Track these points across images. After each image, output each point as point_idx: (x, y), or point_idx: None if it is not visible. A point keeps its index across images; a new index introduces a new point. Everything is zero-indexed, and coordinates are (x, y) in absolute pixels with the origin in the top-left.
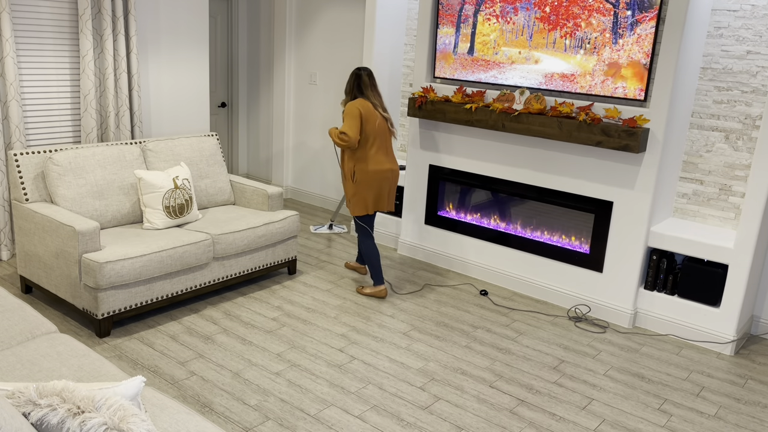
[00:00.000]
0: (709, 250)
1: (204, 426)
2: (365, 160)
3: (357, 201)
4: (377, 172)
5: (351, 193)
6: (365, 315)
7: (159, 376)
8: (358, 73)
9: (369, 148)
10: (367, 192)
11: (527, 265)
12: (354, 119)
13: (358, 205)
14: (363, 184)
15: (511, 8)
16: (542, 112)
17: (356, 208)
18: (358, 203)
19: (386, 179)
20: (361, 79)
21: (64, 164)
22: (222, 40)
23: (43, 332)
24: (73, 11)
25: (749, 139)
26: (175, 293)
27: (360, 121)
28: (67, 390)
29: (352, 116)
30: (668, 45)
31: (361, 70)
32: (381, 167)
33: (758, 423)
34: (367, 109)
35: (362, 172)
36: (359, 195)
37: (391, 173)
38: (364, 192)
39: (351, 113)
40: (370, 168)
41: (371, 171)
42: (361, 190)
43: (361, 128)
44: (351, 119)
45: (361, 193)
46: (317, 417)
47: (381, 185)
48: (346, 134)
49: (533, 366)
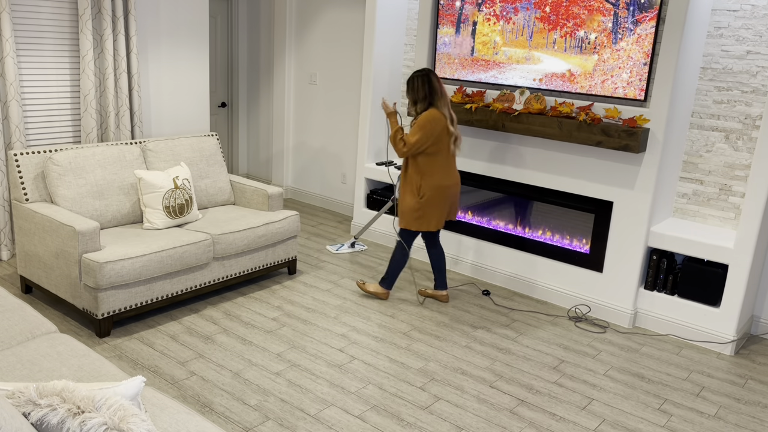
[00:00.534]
0: (709, 250)
1: (204, 426)
2: (432, 175)
3: (420, 218)
4: (446, 187)
5: (413, 209)
6: (365, 315)
7: (159, 376)
8: (428, 77)
9: (438, 163)
10: (433, 209)
11: (527, 265)
12: (426, 136)
13: (421, 222)
14: (431, 202)
15: (511, 8)
16: (542, 112)
17: (419, 224)
18: (421, 220)
19: (454, 194)
20: (432, 84)
21: (64, 164)
22: (222, 40)
23: (43, 332)
24: (73, 11)
25: (749, 139)
26: (175, 293)
27: (432, 140)
28: (67, 390)
29: (426, 133)
30: (668, 45)
31: (429, 73)
32: (450, 182)
33: (758, 423)
34: (443, 126)
35: (431, 188)
36: (424, 211)
37: (456, 187)
38: (430, 209)
39: (426, 130)
40: (438, 183)
41: (439, 186)
42: (427, 207)
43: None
44: (423, 134)
45: (427, 210)
46: (317, 417)
47: (447, 201)
48: (407, 146)
49: (533, 366)
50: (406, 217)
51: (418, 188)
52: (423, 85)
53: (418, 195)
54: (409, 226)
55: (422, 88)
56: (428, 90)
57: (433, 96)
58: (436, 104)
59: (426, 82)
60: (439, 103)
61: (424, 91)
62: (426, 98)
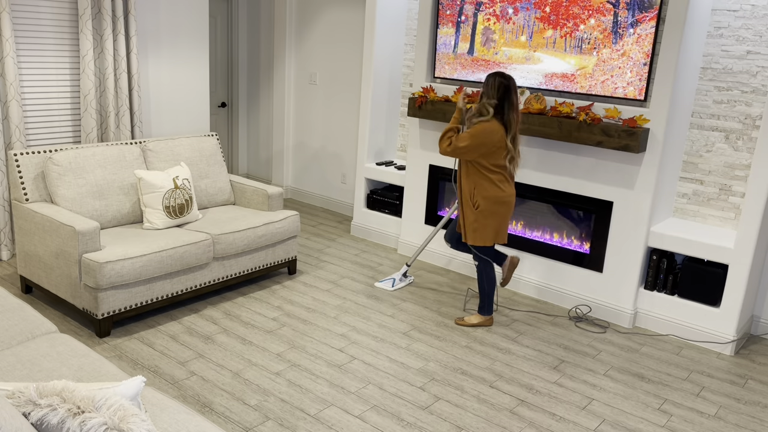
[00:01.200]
0: (709, 250)
1: (204, 426)
2: (489, 186)
3: (478, 229)
4: (501, 198)
5: (471, 220)
6: (365, 315)
7: (159, 376)
8: (507, 85)
9: (494, 174)
10: (489, 220)
11: (527, 265)
12: (475, 146)
13: (478, 234)
14: (486, 212)
15: (511, 8)
16: (542, 112)
17: (476, 238)
18: (479, 232)
19: (509, 208)
20: (509, 95)
21: (64, 164)
22: (222, 40)
23: (43, 332)
24: (73, 11)
25: (749, 139)
26: (175, 293)
27: (482, 151)
28: (67, 390)
29: (475, 142)
30: (668, 45)
31: (509, 80)
32: (505, 194)
33: (758, 423)
34: (498, 139)
35: (486, 199)
36: (481, 222)
37: (513, 198)
38: (486, 220)
39: (477, 140)
40: (495, 194)
41: (496, 197)
42: (483, 218)
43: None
44: (472, 143)
45: (483, 221)
46: (317, 417)
47: (504, 214)
48: (452, 147)
49: (533, 366)
50: (466, 231)
51: (470, 197)
52: (499, 89)
53: (473, 205)
54: (468, 239)
55: (497, 91)
56: (505, 97)
57: (505, 109)
58: (506, 120)
59: (504, 89)
60: (510, 117)
61: (496, 94)
62: (492, 99)
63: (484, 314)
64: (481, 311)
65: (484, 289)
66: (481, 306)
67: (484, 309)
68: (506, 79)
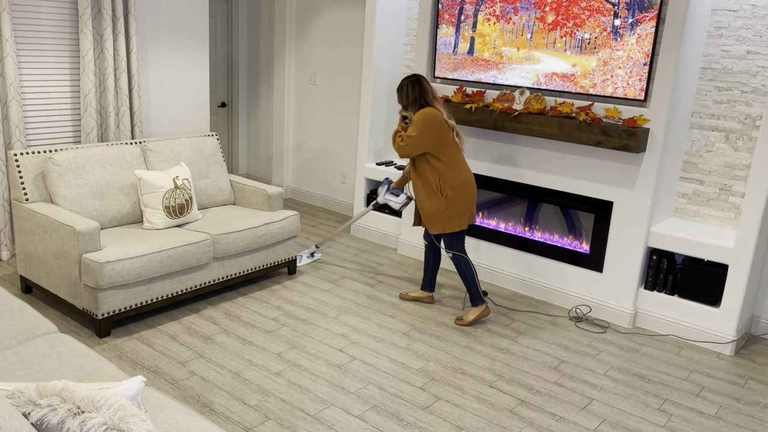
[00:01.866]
0: (709, 250)
1: (204, 426)
2: (451, 172)
3: (452, 217)
4: (466, 182)
5: (442, 210)
6: (365, 315)
7: (159, 376)
8: (418, 80)
9: (451, 159)
10: (461, 205)
11: (527, 265)
12: (425, 132)
13: (453, 221)
14: (456, 198)
15: (511, 8)
16: (542, 112)
17: (452, 225)
18: (453, 219)
19: (474, 188)
20: (422, 86)
21: (64, 164)
22: (222, 40)
23: (43, 332)
24: (73, 11)
25: (749, 139)
26: (175, 293)
27: (434, 136)
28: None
29: (423, 128)
30: (668, 45)
31: (418, 77)
32: (467, 176)
33: (758, 423)
34: (441, 120)
35: (453, 186)
36: (453, 210)
37: (474, 182)
38: (458, 206)
39: (426, 127)
40: (459, 178)
41: (461, 182)
42: (454, 205)
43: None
44: (424, 133)
45: (455, 208)
46: (317, 417)
47: (472, 195)
48: (405, 140)
49: (533, 366)
50: (437, 222)
51: (438, 188)
52: (413, 88)
53: (442, 195)
54: (444, 229)
55: (412, 92)
56: (418, 92)
57: (424, 96)
58: (430, 103)
59: (417, 84)
60: (433, 102)
61: (414, 94)
62: (417, 101)
63: (478, 304)
64: (473, 302)
65: (466, 277)
66: (472, 297)
67: (475, 299)
68: (413, 78)
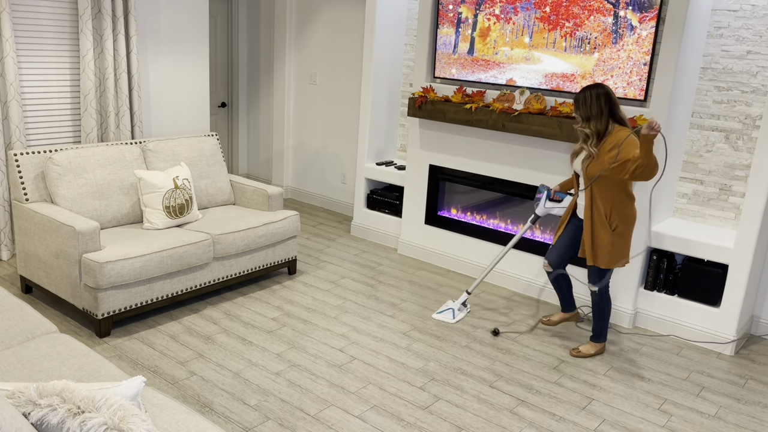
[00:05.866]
0: (709, 250)
1: (204, 426)
2: (627, 203)
3: (615, 252)
4: (635, 217)
5: (605, 243)
6: (365, 315)
7: (159, 376)
8: (607, 93)
9: (627, 187)
10: (624, 241)
11: (527, 265)
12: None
13: (615, 257)
14: (624, 233)
15: (511, 8)
16: (542, 112)
17: (613, 260)
18: (615, 255)
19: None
20: (612, 100)
21: (64, 164)
22: (222, 40)
23: (43, 332)
24: (73, 11)
25: (749, 139)
26: (175, 293)
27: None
28: (67, 390)
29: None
30: (668, 45)
31: (606, 88)
32: (635, 211)
33: (758, 423)
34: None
35: (625, 219)
36: (619, 245)
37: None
38: (624, 242)
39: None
40: (630, 213)
41: (631, 216)
42: (619, 241)
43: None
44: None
45: (620, 243)
46: (317, 417)
47: (631, 231)
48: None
49: (533, 366)
50: (601, 256)
51: (607, 218)
52: (601, 100)
53: (610, 227)
54: (608, 264)
55: (601, 103)
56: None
57: (614, 113)
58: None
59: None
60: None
61: (600, 107)
62: (603, 115)
63: (601, 341)
64: (598, 339)
65: (604, 314)
66: (599, 333)
67: (602, 336)
68: (601, 87)
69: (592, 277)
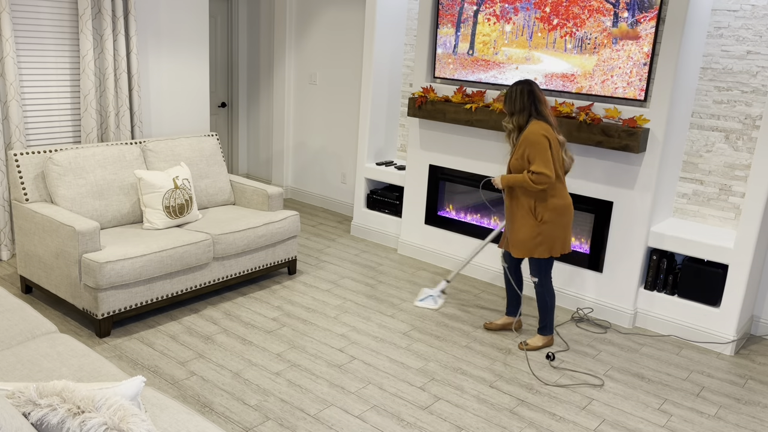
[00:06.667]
0: (709, 250)
1: (204, 426)
2: (551, 195)
3: (542, 243)
4: (565, 207)
5: (533, 235)
6: (365, 315)
7: (159, 376)
8: (530, 88)
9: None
10: (556, 231)
11: (527, 265)
12: (546, 152)
13: (543, 248)
14: (551, 223)
15: (511, 8)
16: None
17: (542, 251)
18: (543, 245)
19: (572, 213)
20: (535, 94)
21: (64, 164)
22: (222, 40)
23: (43, 332)
24: (73, 11)
25: (749, 139)
26: (175, 293)
27: (551, 152)
28: (67, 390)
29: (543, 149)
30: (668, 45)
31: (530, 84)
32: (567, 200)
33: (758, 423)
34: (553, 136)
35: (550, 210)
36: (545, 236)
37: (572, 207)
38: (552, 232)
39: (542, 145)
40: (558, 203)
41: (560, 206)
42: (547, 230)
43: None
44: (544, 153)
45: (547, 234)
46: (317, 417)
47: (569, 221)
48: (545, 174)
49: (533, 366)
50: (525, 246)
51: (532, 210)
52: (522, 96)
53: (536, 218)
54: (531, 253)
55: (523, 99)
56: (530, 101)
57: (538, 107)
58: (542, 112)
59: (528, 93)
60: (546, 112)
61: (522, 102)
62: (525, 109)
63: (548, 334)
64: (544, 331)
65: (547, 306)
66: (544, 326)
67: (547, 328)
68: (524, 83)
69: (532, 268)
